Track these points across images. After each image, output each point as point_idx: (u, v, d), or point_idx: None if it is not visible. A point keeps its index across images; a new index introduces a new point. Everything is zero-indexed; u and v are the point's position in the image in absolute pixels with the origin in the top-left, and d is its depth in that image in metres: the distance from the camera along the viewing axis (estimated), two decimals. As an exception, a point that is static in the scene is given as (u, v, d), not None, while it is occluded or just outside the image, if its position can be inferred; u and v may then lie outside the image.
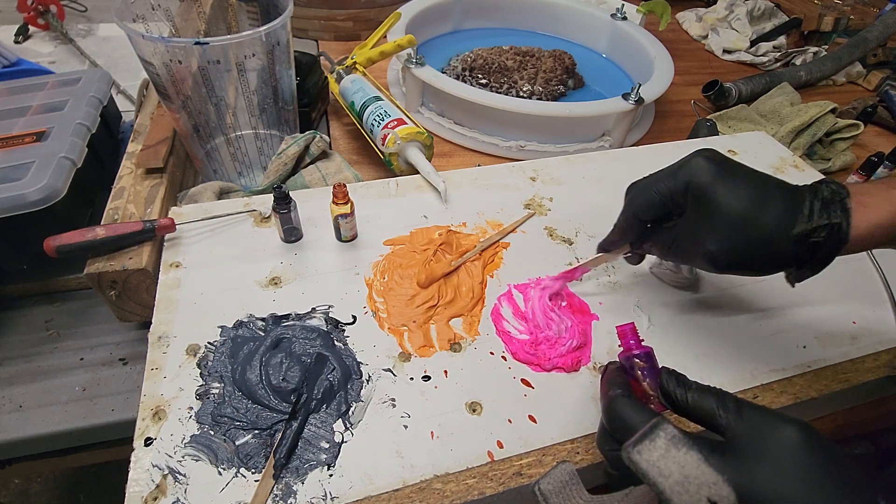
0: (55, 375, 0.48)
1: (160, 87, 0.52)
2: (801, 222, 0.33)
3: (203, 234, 0.49)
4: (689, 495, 0.25)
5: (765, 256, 0.34)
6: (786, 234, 0.33)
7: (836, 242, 0.33)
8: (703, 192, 0.35)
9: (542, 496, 0.30)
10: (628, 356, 0.35)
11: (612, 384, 0.33)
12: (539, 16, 1.01)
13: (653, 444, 0.26)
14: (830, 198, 0.33)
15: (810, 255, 0.34)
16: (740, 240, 0.34)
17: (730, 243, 0.34)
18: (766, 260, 0.35)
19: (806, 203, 0.33)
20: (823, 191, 0.34)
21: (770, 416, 0.27)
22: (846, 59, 0.98)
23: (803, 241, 0.33)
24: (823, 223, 0.33)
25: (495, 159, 0.74)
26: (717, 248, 0.35)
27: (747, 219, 0.34)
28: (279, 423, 0.36)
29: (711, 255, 0.35)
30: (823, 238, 0.33)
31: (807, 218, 0.33)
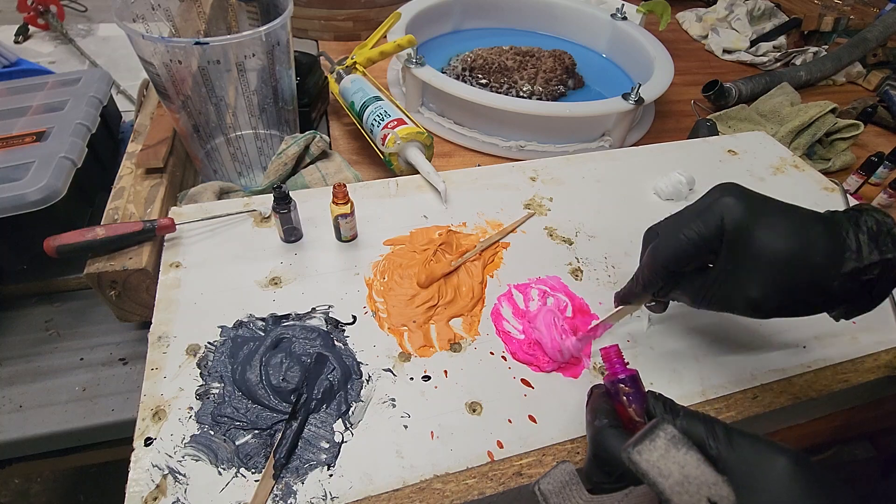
0: (55, 375, 0.48)
1: (160, 87, 0.52)
2: (849, 260, 0.30)
3: (203, 234, 0.49)
4: (689, 495, 0.25)
5: (813, 299, 0.32)
6: (834, 274, 0.31)
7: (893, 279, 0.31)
8: (738, 234, 0.32)
9: (542, 496, 0.30)
10: (613, 380, 0.34)
11: (597, 412, 0.32)
12: (539, 16, 1.01)
13: (653, 445, 0.26)
14: (877, 229, 0.31)
15: (861, 293, 0.31)
16: (785, 284, 0.31)
17: (774, 289, 0.31)
18: (815, 302, 0.32)
19: (850, 236, 0.31)
20: (868, 221, 0.31)
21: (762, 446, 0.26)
22: (846, 59, 0.98)
23: (854, 280, 0.31)
24: (875, 260, 0.30)
25: (495, 159, 0.74)
26: (761, 294, 0.32)
27: (791, 261, 0.31)
28: (279, 423, 0.36)
29: (755, 302, 0.32)
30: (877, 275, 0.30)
31: (855, 254, 0.30)
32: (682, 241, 0.33)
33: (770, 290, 0.32)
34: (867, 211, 0.32)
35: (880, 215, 0.32)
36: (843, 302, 0.33)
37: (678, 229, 0.34)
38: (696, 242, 0.33)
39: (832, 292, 0.31)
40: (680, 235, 0.33)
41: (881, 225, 0.31)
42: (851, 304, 0.33)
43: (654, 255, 0.35)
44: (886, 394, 0.49)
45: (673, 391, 0.41)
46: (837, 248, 0.31)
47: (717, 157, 0.65)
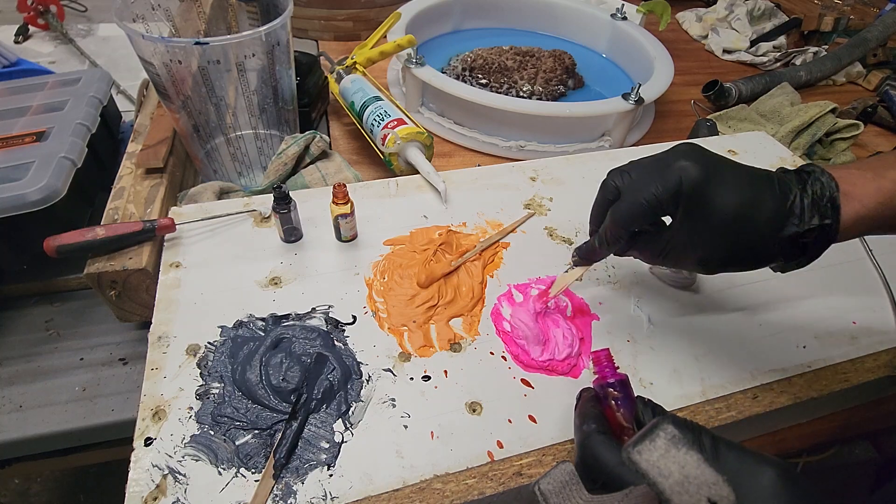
0: (55, 375, 0.48)
1: (160, 87, 0.52)
2: (791, 224, 0.33)
3: (203, 234, 0.49)
4: (689, 495, 0.25)
5: (754, 257, 0.34)
6: (776, 235, 0.33)
7: (826, 242, 0.33)
8: (694, 196, 0.33)
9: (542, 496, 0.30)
10: (602, 385, 0.34)
11: (585, 417, 0.32)
12: (539, 16, 1.01)
13: (653, 444, 0.26)
14: (821, 193, 0.33)
15: (799, 252, 0.34)
16: (730, 244, 0.34)
17: (720, 247, 0.34)
18: (756, 260, 0.35)
19: (796, 200, 0.33)
20: (814, 185, 0.33)
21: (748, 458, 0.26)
22: (846, 59, 0.98)
23: (793, 242, 0.33)
24: (815, 225, 0.32)
25: (495, 159, 0.74)
26: (709, 253, 0.34)
27: (738, 224, 0.33)
28: (279, 423, 0.36)
29: (703, 260, 0.35)
30: (813, 239, 0.33)
31: (797, 219, 0.32)
32: (643, 204, 0.34)
33: (716, 249, 0.34)
34: (815, 174, 0.34)
35: (826, 179, 0.33)
36: (782, 259, 0.35)
37: (639, 191, 0.35)
38: (655, 204, 0.34)
39: (772, 252, 0.34)
40: (641, 198, 0.34)
41: (825, 189, 0.33)
42: (788, 260, 0.35)
43: (616, 215, 0.36)
44: (886, 394, 0.49)
45: (673, 391, 0.41)
46: (782, 211, 0.33)
47: (717, 157, 0.64)
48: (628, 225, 0.36)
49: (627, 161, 0.38)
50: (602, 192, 0.38)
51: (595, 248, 0.39)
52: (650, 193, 0.34)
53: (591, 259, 0.41)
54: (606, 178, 0.38)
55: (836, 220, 0.32)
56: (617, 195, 0.37)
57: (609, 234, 0.37)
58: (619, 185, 0.36)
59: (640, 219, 0.35)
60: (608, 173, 0.38)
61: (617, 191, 0.37)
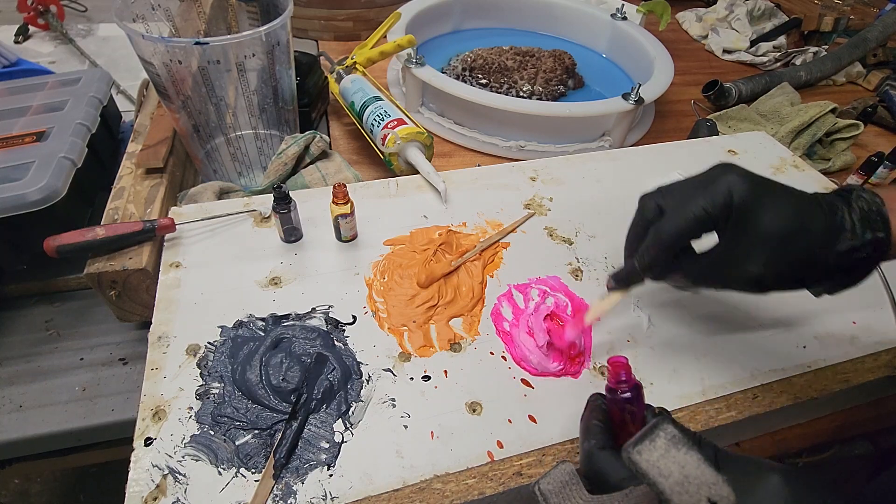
0: (55, 375, 0.48)
1: (160, 87, 0.52)
2: (844, 238, 0.32)
3: (203, 234, 0.49)
4: (688, 495, 0.25)
5: (809, 273, 0.33)
6: (831, 251, 0.32)
7: (880, 255, 0.32)
8: (745, 211, 0.32)
9: (542, 496, 0.30)
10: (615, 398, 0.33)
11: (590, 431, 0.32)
12: (539, 16, 1.01)
13: (653, 445, 0.26)
14: (868, 209, 0.32)
15: (851, 268, 0.33)
16: (785, 261, 0.32)
17: (776, 265, 0.32)
18: (811, 276, 0.34)
19: (845, 216, 0.32)
20: (858, 201, 0.33)
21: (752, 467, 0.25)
22: (846, 59, 0.98)
23: (847, 257, 0.32)
24: (868, 239, 0.32)
25: (495, 159, 0.74)
26: (763, 270, 0.33)
27: (793, 238, 0.32)
28: (279, 423, 0.36)
29: (757, 278, 0.33)
30: (868, 253, 0.32)
31: (850, 234, 0.32)
32: (691, 218, 0.33)
33: (773, 267, 0.32)
34: (856, 191, 0.34)
35: (869, 195, 0.33)
36: (834, 277, 0.34)
37: (685, 206, 0.33)
38: (704, 219, 0.33)
39: (826, 268, 0.33)
40: (688, 212, 0.33)
41: (871, 205, 0.33)
42: (839, 280, 0.34)
43: (661, 233, 0.34)
44: (886, 394, 0.49)
45: (673, 391, 0.41)
46: (833, 227, 0.32)
47: (718, 157, 0.65)
48: (675, 242, 0.34)
49: (627, 160, 0.37)
50: (640, 213, 0.37)
51: (634, 272, 0.37)
52: (699, 207, 0.32)
53: (629, 284, 0.39)
54: (643, 200, 0.37)
55: (888, 232, 0.32)
56: (658, 214, 0.35)
57: (652, 255, 0.35)
58: (661, 204, 0.35)
59: (687, 234, 0.34)
60: (643, 196, 0.37)
61: (658, 210, 0.35)
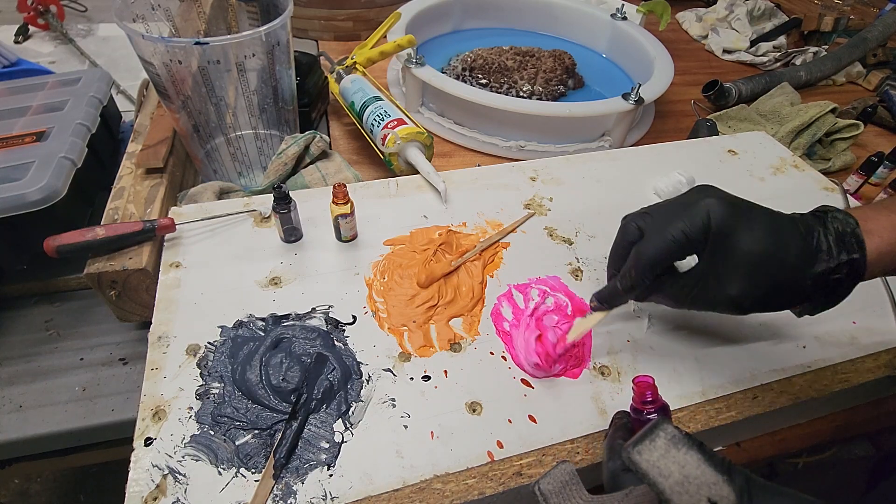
0: (55, 375, 0.48)
1: (160, 87, 0.52)
2: (821, 260, 0.32)
3: (203, 234, 0.49)
4: (689, 495, 0.25)
5: (786, 295, 0.34)
6: (807, 274, 0.32)
7: (855, 277, 0.33)
8: (722, 234, 0.33)
9: (542, 496, 0.30)
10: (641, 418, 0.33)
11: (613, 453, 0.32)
12: (539, 16, 1.01)
13: (653, 444, 0.26)
14: (842, 230, 0.33)
15: (829, 290, 0.33)
16: (763, 282, 0.33)
17: (753, 287, 0.33)
18: (788, 298, 0.34)
19: (821, 238, 0.33)
20: (833, 223, 0.33)
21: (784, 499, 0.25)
22: (846, 59, 0.98)
23: (824, 278, 0.33)
24: (844, 260, 0.32)
25: (495, 159, 0.74)
26: (740, 292, 0.33)
27: (769, 261, 0.32)
28: (279, 423, 0.36)
29: (735, 300, 0.34)
30: (844, 274, 0.32)
31: (825, 255, 0.32)
32: (669, 241, 0.34)
33: (750, 289, 0.33)
34: (831, 212, 0.34)
35: (843, 216, 0.34)
36: (811, 298, 0.34)
37: (664, 229, 0.34)
38: (682, 242, 0.33)
39: (804, 289, 0.33)
40: (667, 235, 0.34)
41: (845, 226, 0.33)
42: (818, 300, 0.35)
43: (641, 255, 0.35)
44: (886, 394, 0.49)
45: (673, 391, 0.41)
46: (809, 248, 0.33)
47: (717, 157, 0.65)
48: (656, 264, 0.35)
49: (627, 160, 0.38)
50: (622, 234, 0.37)
51: (617, 292, 0.38)
52: (678, 230, 0.33)
53: (611, 304, 0.39)
54: (624, 221, 0.37)
55: (863, 254, 0.32)
56: (639, 236, 0.36)
57: (633, 276, 0.36)
58: (642, 226, 0.36)
59: (667, 257, 0.34)
60: (625, 218, 0.38)
61: (639, 231, 0.36)
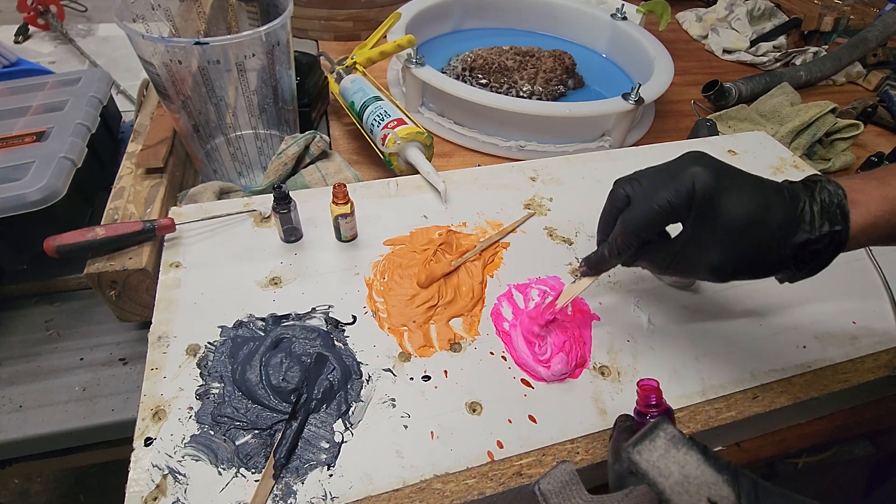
0: (55, 375, 0.48)
1: (160, 87, 0.52)
2: (802, 230, 0.33)
3: (203, 234, 0.49)
4: (688, 495, 0.25)
5: (766, 264, 0.34)
6: (787, 243, 0.33)
7: (836, 248, 0.33)
8: (706, 203, 0.33)
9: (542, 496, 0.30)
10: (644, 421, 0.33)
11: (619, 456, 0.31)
12: (539, 16, 1.01)
13: (653, 444, 0.26)
14: (829, 201, 0.33)
15: (809, 259, 0.34)
16: (742, 251, 0.33)
17: (732, 255, 0.34)
18: (767, 267, 0.34)
19: (806, 208, 0.33)
20: (821, 193, 0.33)
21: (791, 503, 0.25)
22: (846, 59, 0.98)
23: (804, 248, 0.33)
24: (825, 231, 0.32)
25: (495, 159, 0.74)
26: (721, 260, 0.34)
27: (749, 230, 0.33)
28: (279, 423, 0.36)
29: (715, 267, 0.34)
30: (825, 245, 0.33)
31: (808, 226, 0.33)
32: (655, 209, 0.34)
33: (728, 257, 0.34)
34: (821, 182, 0.34)
35: (833, 187, 0.34)
36: (792, 266, 0.34)
37: (651, 197, 0.34)
38: (667, 210, 0.34)
39: (784, 259, 0.34)
40: (653, 204, 0.34)
41: (833, 197, 0.33)
42: (798, 269, 0.35)
43: (627, 223, 0.36)
44: (886, 394, 0.49)
45: (673, 391, 0.41)
46: (792, 218, 0.33)
47: (717, 156, 0.64)
48: (640, 232, 0.35)
49: (627, 160, 0.38)
50: (610, 200, 0.38)
51: (604, 258, 0.38)
52: (663, 199, 0.34)
53: (599, 269, 0.40)
54: (614, 186, 0.37)
55: (846, 226, 0.32)
56: (626, 203, 0.36)
57: (620, 243, 0.37)
58: (630, 193, 0.36)
59: (653, 225, 0.35)
60: (615, 182, 0.38)
61: (627, 199, 0.36)
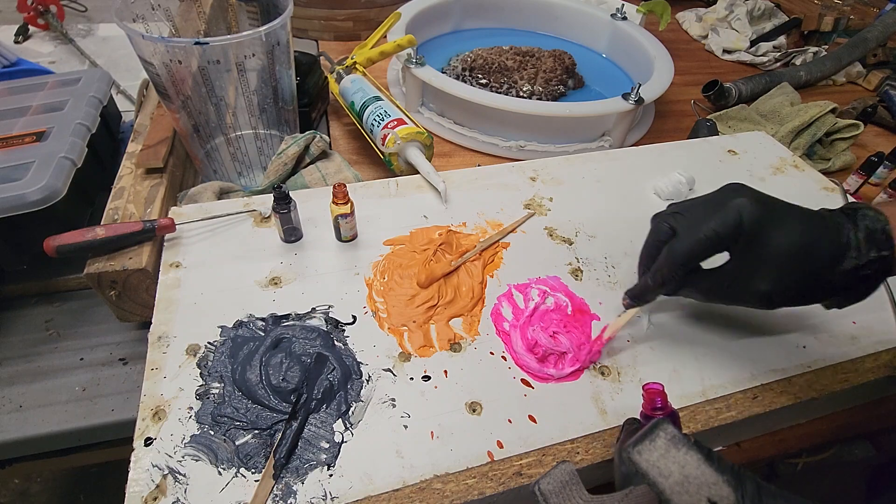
0: (55, 375, 0.48)
1: (160, 87, 0.52)
2: (850, 257, 0.33)
3: (203, 234, 0.49)
4: (689, 495, 0.25)
5: (816, 291, 0.35)
6: (836, 270, 0.33)
7: (885, 272, 0.33)
8: (755, 233, 0.34)
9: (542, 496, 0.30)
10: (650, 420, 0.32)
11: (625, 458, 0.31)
12: (539, 16, 1.01)
13: (653, 444, 0.26)
14: (873, 227, 0.33)
15: (856, 285, 0.34)
16: (794, 279, 0.34)
17: (784, 283, 0.34)
18: (817, 294, 0.35)
19: (851, 235, 0.34)
20: (863, 220, 0.34)
21: None
22: (846, 59, 0.98)
23: (853, 275, 0.33)
24: (873, 257, 0.33)
25: (495, 159, 0.74)
26: (772, 288, 0.35)
27: (800, 258, 0.34)
28: (279, 423, 0.36)
29: (766, 295, 0.35)
30: (873, 271, 0.33)
31: (855, 252, 0.33)
32: (703, 240, 0.35)
33: (780, 285, 0.35)
34: (861, 209, 0.35)
35: (873, 213, 0.34)
36: (841, 293, 0.35)
37: (697, 228, 0.35)
38: (715, 240, 0.35)
39: (834, 286, 0.34)
40: (700, 234, 0.35)
41: (876, 223, 0.34)
42: (846, 295, 0.36)
43: (675, 253, 0.36)
44: (886, 394, 0.49)
45: (673, 391, 0.41)
46: (839, 245, 0.34)
47: (717, 157, 0.65)
48: (688, 262, 0.36)
49: (627, 160, 0.38)
50: (654, 233, 0.39)
51: (649, 288, 0.39)
52: (711, 230, 0.35)
53: (643, 300, 0.41)
54: (657, 221, 0.39)
55: (892, 251, 0.33)
56: (670, 235, 0.37)
57: (666, 273, 0.37)
58: (674, 226, 0.37)
59: (700, 254, 0.36)
60: (656, 216, 0.39)
61: (671, 231, 0.37)
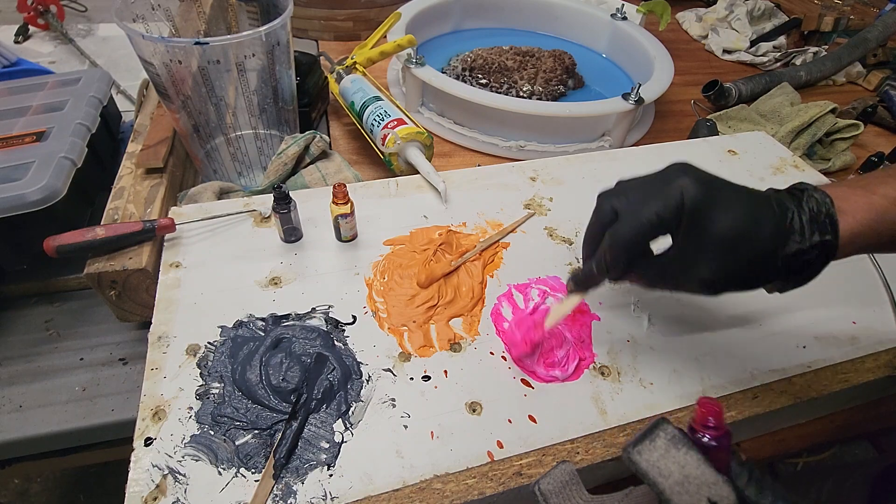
0: (55, 375, 0.48)
1: (160, 87, 0.52)
2: (792, 241, 0.32)
3: (203, 234, 0.49)
4: (689, 495, 0.25)
5: (757, 275, 0.34)
6: (778, 253, 0.33)
7: (826, 257, 0.33)
8: (696, 214, 0.32)
9: (542, 496, 0.30)
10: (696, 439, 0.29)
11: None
12: (539, 16, 1.01)
13: (653, 445, 0.26)
14: (817, 210, 0.33)
15: (799, 269, 0.34)
16: (734, 263, 0.33)
17: (724, 268, 0.33)
18: (758, 279, 0.34)
19: (795, 218, 0.33)
20: (808, 202, 0.33)
21: None
22: (846, 59, 0.98)
23: (795, 259, 0.33)
24: (816, 241, 0.32)
25: (495, 159, 0.74)
26: (713, 275, 0.33)
27: (741, 241, 0.32)
28: (279, 423, 0.36)
29: (706, 281, 0.34)
30: (815, 255, 0.33)
31: (798, 236, 0.32)
32: (644, 223, 0.33)
33: (722, 271, 0.33)
34: (808, 191, 0.34)
35: (820, 196, 0.33)
36: (782, 277, 0.34)
37: (639, 211, 0.33)
38: (656, 223, 0.33)
39: (775, 270, 0.33)
40: (642, 218, 0.33)
41: (820, 206, 0.33)
42: (789, 280, 0.35)
43: (616, 238, 0.34)
44: (886, 394, 0.49)
45: (673, 391, 0.41)
46: (782, 228, 0.33)
47: (717, 157, 0.65)
48: (630, 247, 0.34)
49: (627, 160, 0.38)
50: (596, 215, 0.36)
51: (592, 275, 0.37)
52: (652, 212, 0.33)
53: (587, 287, 0.39)
54: (599, 201, 0.37)
55: (836, 235, 0.32)
56: (613, 218, 0.35)
57: (609, 259, 0.35)
58: (617, 207, 0.35)
59: (642, 239, 0.34)
60: (599, 196, 0.37)
61: (614, 213, 0.35)
